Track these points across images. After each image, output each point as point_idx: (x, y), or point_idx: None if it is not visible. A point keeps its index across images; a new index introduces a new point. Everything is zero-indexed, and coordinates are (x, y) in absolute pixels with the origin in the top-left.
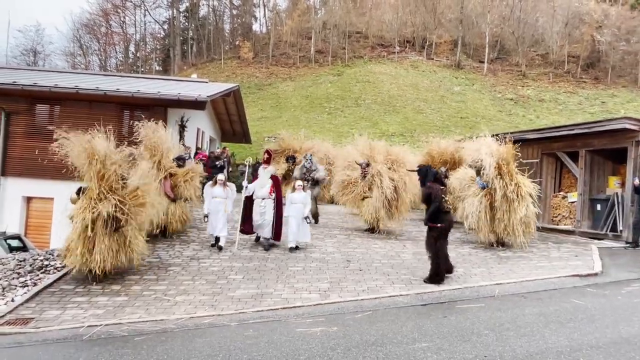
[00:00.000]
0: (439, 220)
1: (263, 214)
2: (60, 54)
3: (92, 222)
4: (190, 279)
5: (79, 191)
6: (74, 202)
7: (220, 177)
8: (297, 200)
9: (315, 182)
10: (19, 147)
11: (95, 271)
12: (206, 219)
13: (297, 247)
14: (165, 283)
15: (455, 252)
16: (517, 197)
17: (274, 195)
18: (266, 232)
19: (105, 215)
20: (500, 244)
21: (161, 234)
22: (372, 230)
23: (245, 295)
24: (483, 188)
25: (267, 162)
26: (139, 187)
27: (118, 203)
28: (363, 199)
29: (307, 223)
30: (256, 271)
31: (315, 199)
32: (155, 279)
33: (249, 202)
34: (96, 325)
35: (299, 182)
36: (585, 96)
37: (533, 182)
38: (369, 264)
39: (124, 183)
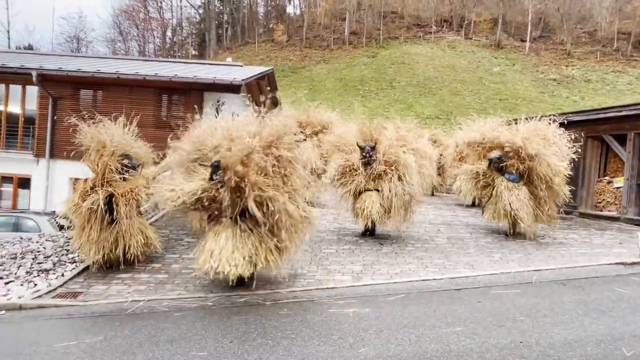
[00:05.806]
0: None
1: None
2: (102, 40)
3: (85, 214)
4: None
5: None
6: None
7: None
8: None
9: None
10: (64, 131)
11: (106, 260)
12: None
13: None
14: None
15: (491, 237)
16: (554, 170)
17: None
18: None
19: (90, 207)
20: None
21: None
22: (365, 233)
23: (280, 276)
24: (514, 181)
25: None
26: (143, 182)
27: (109, 195)
28: (360, 194)
29: None
30: None
31: None
32: (193, 258)
33: None
34: (139, 300)
35: None
36: (635, 75)
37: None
38: (402, 247)
39: (124, 176)
